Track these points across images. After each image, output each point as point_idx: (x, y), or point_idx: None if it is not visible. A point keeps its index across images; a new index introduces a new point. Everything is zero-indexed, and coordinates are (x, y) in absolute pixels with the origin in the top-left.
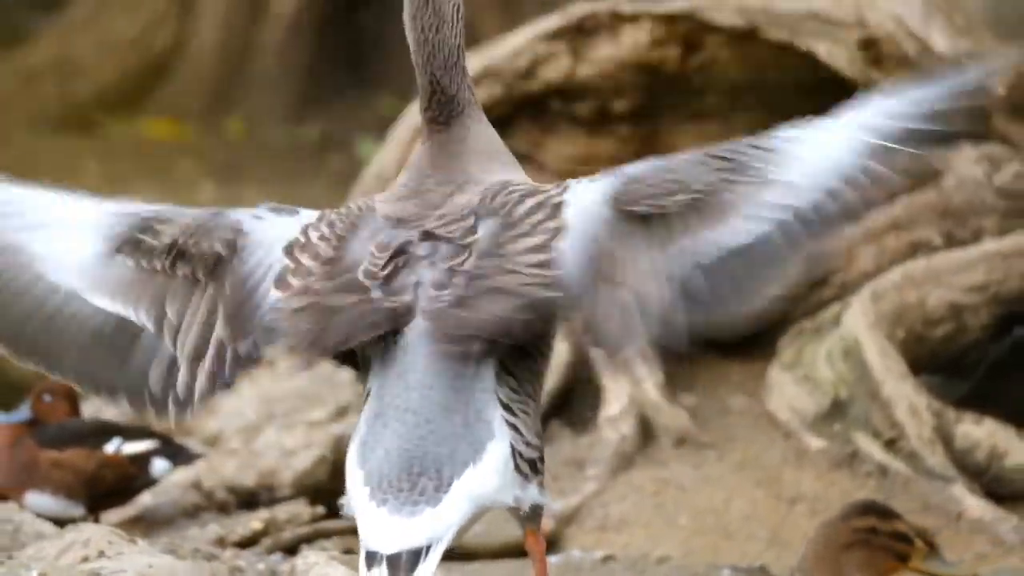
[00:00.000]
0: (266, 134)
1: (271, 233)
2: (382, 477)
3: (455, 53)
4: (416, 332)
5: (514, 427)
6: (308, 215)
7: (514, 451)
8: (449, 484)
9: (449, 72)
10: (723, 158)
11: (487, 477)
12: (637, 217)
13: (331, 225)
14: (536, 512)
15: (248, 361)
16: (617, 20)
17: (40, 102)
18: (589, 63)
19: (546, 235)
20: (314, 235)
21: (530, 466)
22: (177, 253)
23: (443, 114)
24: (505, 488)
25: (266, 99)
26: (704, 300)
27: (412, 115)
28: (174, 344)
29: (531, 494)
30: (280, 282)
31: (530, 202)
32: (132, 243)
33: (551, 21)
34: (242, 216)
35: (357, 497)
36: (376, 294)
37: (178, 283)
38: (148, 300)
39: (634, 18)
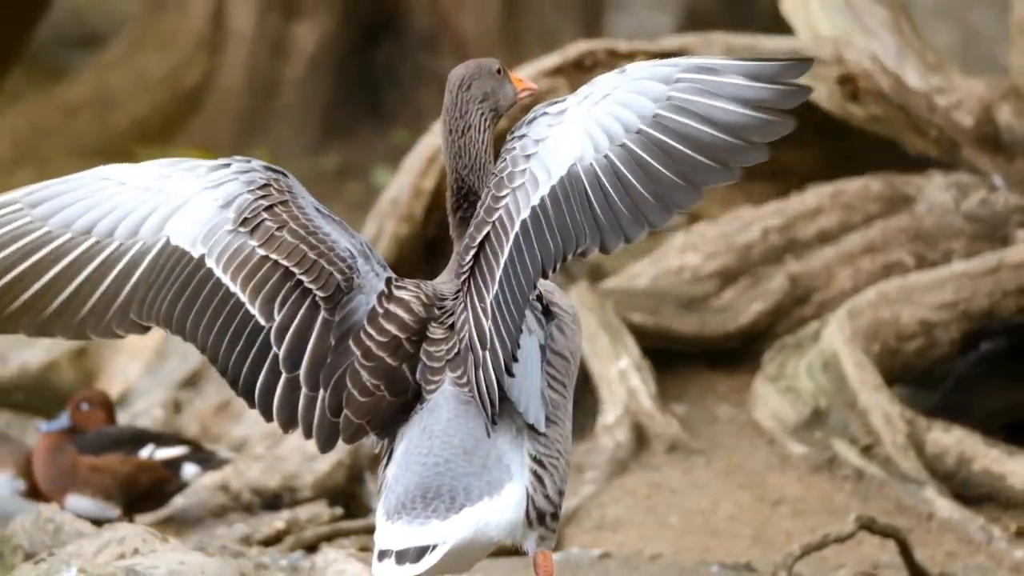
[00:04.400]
0: (289, 164)
1: (367, 285)
2: (399, 504)
3: (481, 156)
4: (442, 395)
5: (539, 477)
6: (378, 281)
7: (530, 497)
8: (460, 509)
9: (475, 173)
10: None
11: (498, 513)
12: None
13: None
14: (544, 541)
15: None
16: (614, 57)
17: (79, 133)
18: None
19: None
20: (391, 306)
21: (539, 517)
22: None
23: (470, 212)
24: (513, 528)
25: (289, 131)
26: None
27: (423, 146)
28: (279, 344)
29: (533, 541)
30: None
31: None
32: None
33: (551, 59)
34: (352, 248)
35: (378, 525)
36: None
37: (292, 287)
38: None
39: (629, 55)
